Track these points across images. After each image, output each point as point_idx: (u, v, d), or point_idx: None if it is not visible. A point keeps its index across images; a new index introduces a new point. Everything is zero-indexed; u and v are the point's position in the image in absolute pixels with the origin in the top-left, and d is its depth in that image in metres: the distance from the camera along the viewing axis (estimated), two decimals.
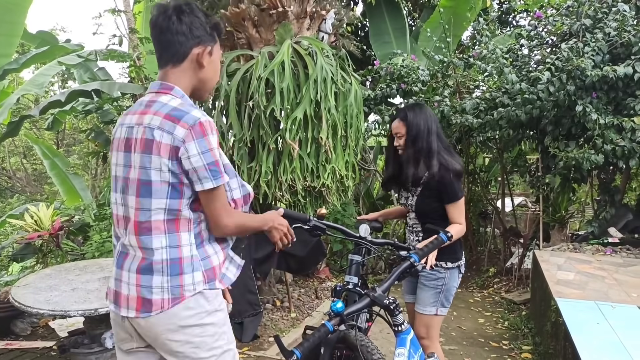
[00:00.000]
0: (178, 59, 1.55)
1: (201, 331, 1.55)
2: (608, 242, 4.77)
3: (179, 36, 1.52)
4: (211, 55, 1.59)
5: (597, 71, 4.13)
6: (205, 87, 1.64)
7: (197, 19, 1.54)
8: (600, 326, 2.76)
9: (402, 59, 5.90)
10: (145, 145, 1.48)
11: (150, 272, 1.51)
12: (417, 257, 1.63)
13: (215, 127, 1.54)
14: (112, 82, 7.65)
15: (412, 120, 2.46)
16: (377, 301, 1.54)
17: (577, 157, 4.23)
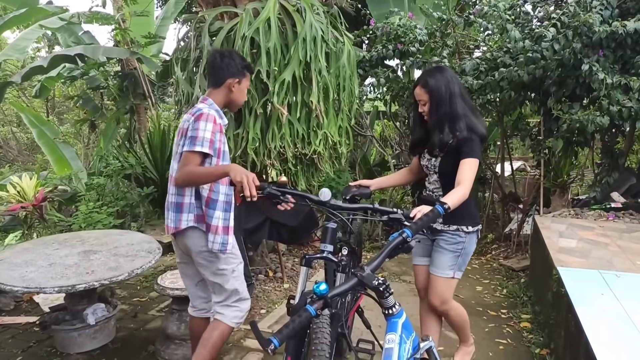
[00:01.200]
0: (217, 84, 2.40)
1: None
2: (611, 207, 4.62)
3: (219, 70, 2.37)
4: (239, 84, 2.42)
5: (606, 27, 3.87)
6: (233, 104, 2.50)
7: (233, 61, 2.38)
8: (605, 297, 2.63)
9: (399, 17, 5.59)
10: (183, 131, 2.31)
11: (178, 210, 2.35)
12: (410, 232, 1.46)
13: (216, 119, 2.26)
14: (96, 46, 7.33)
15: (434, 86, 2.42)
16: (366, 282, 1.38)
17: (581, 119, 4.03)
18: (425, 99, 2.46)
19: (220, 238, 2.33)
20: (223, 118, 2.39)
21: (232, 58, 2.37)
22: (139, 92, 7.58)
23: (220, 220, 2.35)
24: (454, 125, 2.39)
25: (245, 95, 2.48)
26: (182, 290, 2.92)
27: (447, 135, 2.40)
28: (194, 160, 2.18)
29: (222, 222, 2.36)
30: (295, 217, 3.94)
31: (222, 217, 2.36)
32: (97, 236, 3.48)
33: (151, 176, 5.90)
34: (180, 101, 3.85)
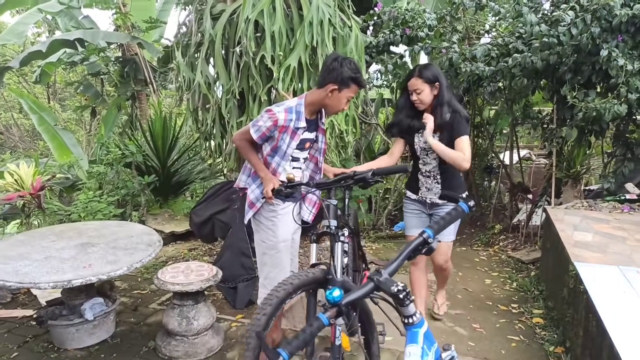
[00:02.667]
0: (320, 85, 2.49)
1: None
2: (625, 198, 4.48)
3: (325, 72, 2.45)
4: (339, 92, 2.45)
5: (627, 10, 3.69)
6: (329, 109, 2.57)
7: (340, 68, 2.40)
8: (627, 295, 2.50)
9: (407, 1, 5.40)
10: None
11: None
12: (431, 233, 1.33)
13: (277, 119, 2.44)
14: (95, 31, 7.16)
15: (432, 76, 2.85)
16: (383, 288, 1.25)
17: (598, 107, 3.86)
18: (421, 88, 2.85)
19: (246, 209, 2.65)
20: (300, 120, 2.50)
21: (342, 65, 2.41)
22: (140, 78, 7.43)
23: (252, 194, 2.62)
24: (447, 109, 2.86)
25: (343, 103, 2.50)
26: (183, 285, 2.81)
27: (445, 115, 2.85)
28: (246, 134, 2.54)
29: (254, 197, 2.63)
30: None
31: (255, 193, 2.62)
32: (95, 228, 3.36)
33: (152, 164, 5.78)
34: (181, 87, 3.71)
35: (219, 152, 3.81)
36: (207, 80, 3.48)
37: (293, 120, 2.48)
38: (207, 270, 3.04)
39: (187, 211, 5.60)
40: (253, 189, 2.63)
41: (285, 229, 2.65)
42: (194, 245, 5.23)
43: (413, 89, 2.87)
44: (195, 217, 4.12)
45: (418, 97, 2.87)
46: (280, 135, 2.48)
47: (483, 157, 6.86)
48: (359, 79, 2.46)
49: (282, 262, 2.67)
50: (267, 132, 2.47)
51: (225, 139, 3.65)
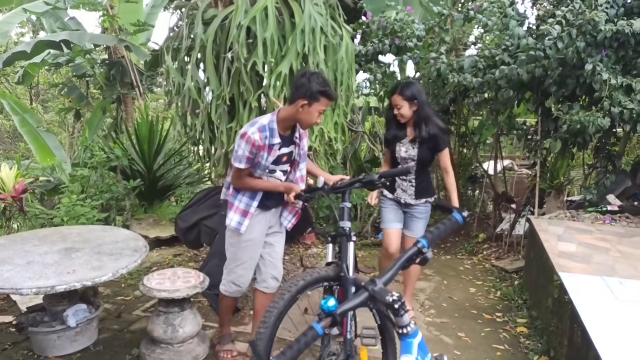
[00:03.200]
0: (291, 101, 2.55)
1: None
2: (607, 209, 4.57)
3: (294, 89, 2.52)
4: (309, 107, 2.50)
5: (611, 26, 3.79)
6: (302, 123, 2.62)
7: (308, 84, 2.45)
8: (610, 305, 2.54)
9: (395, 12, 5.46)
10: None
11: None
12: (426, 242, 1.34)
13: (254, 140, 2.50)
14: (82, 32, 7.08)
15: (410, 95, 3.19)
16: (378, 297, 1.25)
17: (582, 120, 3.95)
18: (401, 105, 3.21)
19: (238, 217, 2.72)
20: (274, 137, 2.57)
21: (310, 80, 2.47)
22: (127, 81, 7.35)
23: (242, 204, 2.71)
24: (427, 124, 3.23)
25: (315, 117, 2.55)
26: (170, 292, 2.77)
27: (424, 131, 3.22)
28: (241, 173, 2.62)
29: (244, 205, 2.71)
30: None
31: (244, 201, 2.71)
32: (80, 232, 3.30)
33: (138, 169, 5.71)
34: (170, 92, 3.68)
35: (208, 157, 3.78)
36: (197, 85, 3.46)
37: (267, 137, 2.55)
38: (193, 276, 3.00)
39: (173, 216, 5.54)
40: (240, 198, 2.73)
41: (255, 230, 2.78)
42: (179, 251, 5.17)
43: (395, 104, 3.26)
44: (181, 223, 4.07)
45: (399, 111, 3.25)
46: (259, 153, 2.57)
47: (467, 167, 6.95)
48: (328, 92, 2.50)
49: (242, 258, 2.83)
50: (250, 155, 2.53)
51: (214, 145, 3.62)
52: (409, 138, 3.32)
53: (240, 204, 2.72)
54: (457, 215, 1.40)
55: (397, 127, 3.35)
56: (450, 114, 6.17)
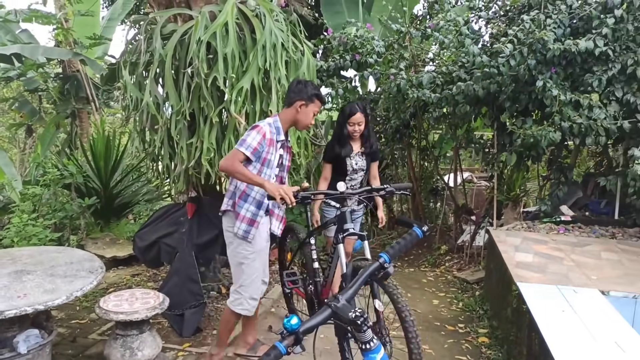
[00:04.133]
0: (289, 104, 2.83)
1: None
2: (560, 220, 4.75)
3: (293, 93, 2.81)
4: (306, 107, 2.81)
5: (559, 45, 3.98)
6: (299, 124, 2.87)
7: (305, 88, 2.80)
8: (566, 314, 2.63)
9: (355, 28, 5.56)
10: None
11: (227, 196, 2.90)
12: (387, 257, 1.35)
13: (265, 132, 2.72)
14: (35, 46, 6.84)
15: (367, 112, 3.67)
16: (341, 314, 1.24)
17: (535, 134, 4.10)
18: (363, 121, 3.58)
19: (245, 226, 2.78)
20: (280, 134, 2.81)
21: (306, 85, 2.82)
22: (82, 95, 7.14)
23: (249, 213, 2.79)
24: (371, 138, 3.72)
25: (310, 118, 2.84)
26: (128, 314, 2.67)
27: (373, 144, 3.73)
28: (237, 156, 2.66)
29: (250, 214, 2.79)
30: None
31: (250, 210, 2.79)
32: (31, 254, 3.14)
33: (94, 186, 5.52)
34: (128, 107, 3.59)
35: (167, 173, 3.70)
36: (156, 100, 3.39)
37: (274, 133, 2.77)
38: (153, 297, 2.91)
39: (131, 235, 5.37)
40: (247, 208, 2.80)
41: (261, 239, 2.87)
42: (138, 271, 5.01)
43: (357, 122, 3.56)
44: (140, 241, 3.95)
45: (359, 128, 3.58)
46: (268, 148, 2.74)
47: (429, 180, 7.09)
48: (321, 95, 2.86)
49: (258, 269, 2.88)
50: (258, 146, 2.68)
51: (174, 161, 3.55)
52: (356, 151, 3.68)
53: (247, 213, 2.79)
54: (417, 230, 1.42)
55: (345, 143, 3.65)
56: (411, 128, 6.30)
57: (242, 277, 2.87)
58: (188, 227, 3.76)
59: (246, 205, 2.80)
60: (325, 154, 3.80)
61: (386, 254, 1.35)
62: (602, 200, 5.09)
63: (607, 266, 3.49)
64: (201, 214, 3.80)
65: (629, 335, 2.40)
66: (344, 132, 3.64)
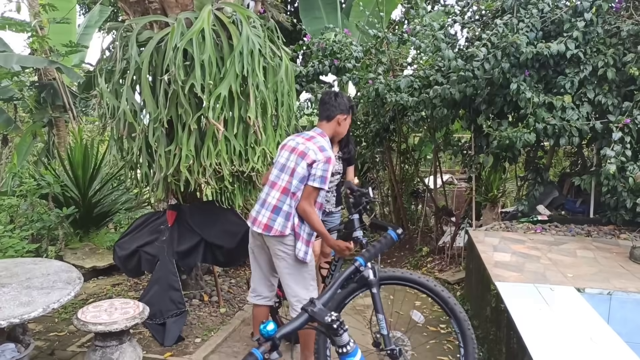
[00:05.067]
0: (329, 118, 2.92)
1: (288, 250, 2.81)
2: (537, 219, 4.84)
3: (332, 107, 2.91)
4: (345, 120, 2.95)
5: (532, 48, 4.06)
6: (338, 135, 3.02)
7: (342, 101, 2.93)
8: (543, 311, 2.68)
9: (334, 34, 5.60)
10: (301, 154, 2.77)
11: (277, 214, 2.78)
12: (363, 261, 1.37)
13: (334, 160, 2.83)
14: (9, 54, 6.72)
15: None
16: (317, 318, 1.26)
17: (510, 136, 4.18)
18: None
19: (305, 248, 2.80)
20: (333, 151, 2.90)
21: (342, 97, 2.94)
22: (59, 104, 7.04)
23: (305, 234, 2.81)
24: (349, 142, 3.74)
25: (346, 128, 2.99)
26: (106, 325, 2.64)
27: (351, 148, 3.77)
28: (314, 195, 2.76)
29: (307, 235, 2.82)
30: (232, 238, 3.74)
31: (307, 232, 2.82)
32: (6, 266, 3.09)
33: (72, 195, 5.44)
34: (104, 115, 3.56)
35: (146, 181, 3.67)
36: (133, 108, 3.37)
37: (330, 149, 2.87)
38: (132, 307, 2.88)
39: (111, 244, 5.30)
40: (304, 228, 2.80)
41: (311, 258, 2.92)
42: (118, 280, 4.95)
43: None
44: (120, 250, 3.90)
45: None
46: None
47: (410, 182, 7.16)
48: (354, 106, 3.09)
49: (312, 284, 2.92)
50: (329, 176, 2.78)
51: (152, 168, 3.52)
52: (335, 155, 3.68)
53: (304, 233, 2.80)
54: (392, 233, 1.44)
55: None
56: (391, 132, 6.36)
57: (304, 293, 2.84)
58: (168, 235, 3.73)
59: (303, 227, 2.80)
60: None
61: (361, 257, 1.37)
62: (578, 200, 5.20)
63: (583, 264, 3.57)
64: (181, 222, 3.78)
65: (603, 331, 2.46)
66: None
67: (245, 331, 3.73)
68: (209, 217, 3.85)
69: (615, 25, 4.22)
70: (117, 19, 9.07)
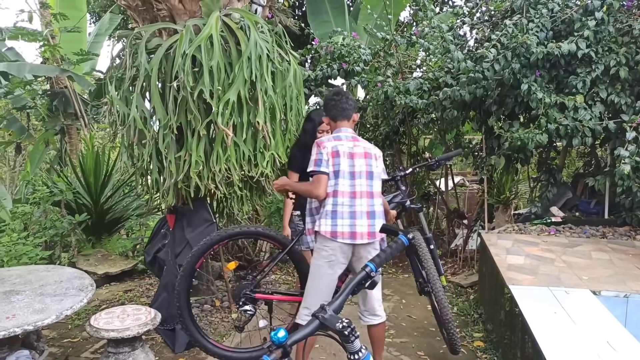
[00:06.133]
0: (348, 117, 2.91)
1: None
2: (551, 221, 4.77)
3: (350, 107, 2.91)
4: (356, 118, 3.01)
5: (542, 48, 4.02)
6: None
7: (354, 102, 2.95)
8: (558, 315, 2.64)
9: (342, 37, 5.60)
10: (375, 156, 2.84)
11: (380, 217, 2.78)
12: (374, 266, 1.35)
13: None
14: (22, 64, 6.81)
15: None
16: (328, 325, 1.24)
17: (522, 137, 4.14)
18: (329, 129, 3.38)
19: None
20: None
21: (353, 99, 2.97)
22: (70, 111, 7.11)
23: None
24: None
25: None
26: (119, 332, 2.65)
27: None
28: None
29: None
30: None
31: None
32: (20, 273, 3.11)
33: (84, 202, 5.49)
34: (115, 122, 3.58)
35: (157, 188, 3.69)
36: (143, 114, 3.39)
37: None
38: (144, 313, 2.89)
39: (123, 250, 5.34)
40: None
41: None
42: (130, 287, 4.97)
43: (326, 129, 3.51)
44: (147, 256, 3.98)
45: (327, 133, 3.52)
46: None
47: (421, 185, 7.11)
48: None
49: None
50: None
51: (162, 175, 3.54)
52: None
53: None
54: (402, 238, 1.42)
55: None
56: (401, 135, 6.33)
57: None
58: (170, 239, 3.75)
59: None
60: (293, 163, 3.65)
61: (372, 262, 1.36)
62: (592, 200, 5.12)
63: (598, 266, 3.51)
64: (179, 224, 3.78)
65: (620, 335, 2.41)
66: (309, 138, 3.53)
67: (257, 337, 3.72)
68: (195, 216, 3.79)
69: (627, 23, 4.17)
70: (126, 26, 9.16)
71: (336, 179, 2.72)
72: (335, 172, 2.72)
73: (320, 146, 2.77)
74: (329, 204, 2.72)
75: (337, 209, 2.70)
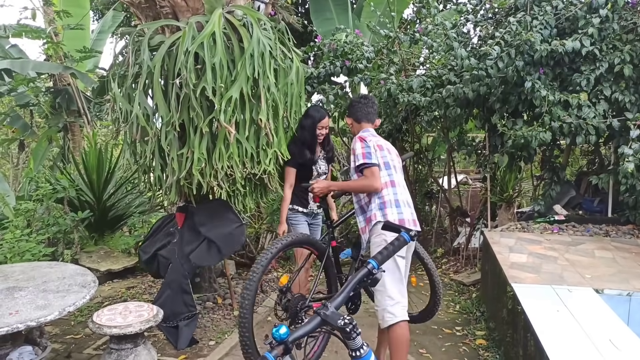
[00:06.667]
0: (372, 120, 3.02)
1: None
2: (554, 219, 4.76)
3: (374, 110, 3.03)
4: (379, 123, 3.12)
5: (546, 45, 4.00)
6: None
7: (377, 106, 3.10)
8: (561, 313, 2.63)
9: (345, 34, 5.58)
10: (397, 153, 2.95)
11: None
12: (375, 263, 1.34)
13: None
14: (25, 61, 6.83)
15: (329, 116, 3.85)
16: (330, 321, 1.24)
17: (525, 135, 4.12)
18: (328, 125, 3.68)
19: None
20: None
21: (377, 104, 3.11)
22: (73, 109, 7.13)
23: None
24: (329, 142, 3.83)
25: None
26: (121, 328, 2.65)
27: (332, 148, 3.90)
28: None
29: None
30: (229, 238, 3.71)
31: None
32: (23, 270, 3.13)
33: (87, 199, 5.50)
34: (118, 119, 3.59)
35: (159, 185, 3.69)
36: (146, 112, 3.38)
37: None
38: (146, 310, 2.89)
39: (126, 247, 5.34)
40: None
41: None
42: (133, 283, 4.98)
43: (325, 126, 3.64)
44: (143, 254, 3.93)
45: (326, 131, 3.67)
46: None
47: (423, 183, 7.10)
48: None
49: None
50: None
51: (165, 172, 3.54)
52: (319, 156, 3.74)
53: None
54: (404, 235, 1.42)
55: (314, 147, 3.68)
56: (404, 132, 6.31)
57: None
58: (179, 237, 3.74)
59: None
60: (291, 159, 3.61)
61: (374, 259, 1.35)
62: (595, 199, 5.10)
63: (601, 264, 3.50)
64: (189, 223, 3.78)
65: (623, 333, 2.41)
66: (313, 137, 3.63)
67: (260, 334, 3.73)
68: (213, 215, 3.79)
69: (631, 21, 4.14)
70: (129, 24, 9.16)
71: (387, 169, 2.78)
72: (385, 164, 2.79)
73: (365, 140, 2.80)
74: (390, 193, 2.74)
75: (398, 197, 2.74)
